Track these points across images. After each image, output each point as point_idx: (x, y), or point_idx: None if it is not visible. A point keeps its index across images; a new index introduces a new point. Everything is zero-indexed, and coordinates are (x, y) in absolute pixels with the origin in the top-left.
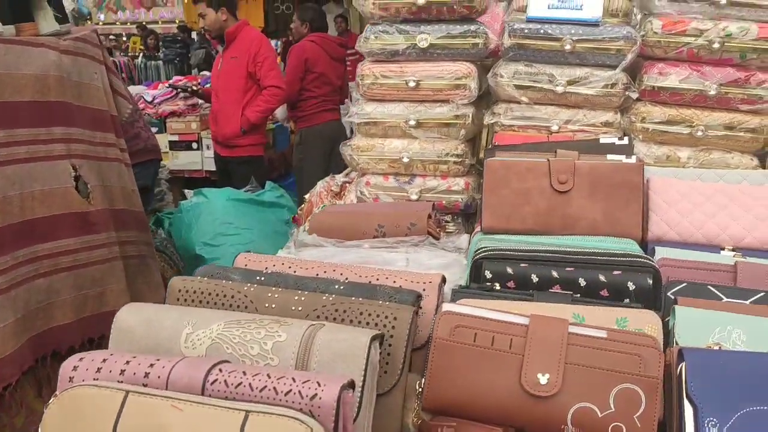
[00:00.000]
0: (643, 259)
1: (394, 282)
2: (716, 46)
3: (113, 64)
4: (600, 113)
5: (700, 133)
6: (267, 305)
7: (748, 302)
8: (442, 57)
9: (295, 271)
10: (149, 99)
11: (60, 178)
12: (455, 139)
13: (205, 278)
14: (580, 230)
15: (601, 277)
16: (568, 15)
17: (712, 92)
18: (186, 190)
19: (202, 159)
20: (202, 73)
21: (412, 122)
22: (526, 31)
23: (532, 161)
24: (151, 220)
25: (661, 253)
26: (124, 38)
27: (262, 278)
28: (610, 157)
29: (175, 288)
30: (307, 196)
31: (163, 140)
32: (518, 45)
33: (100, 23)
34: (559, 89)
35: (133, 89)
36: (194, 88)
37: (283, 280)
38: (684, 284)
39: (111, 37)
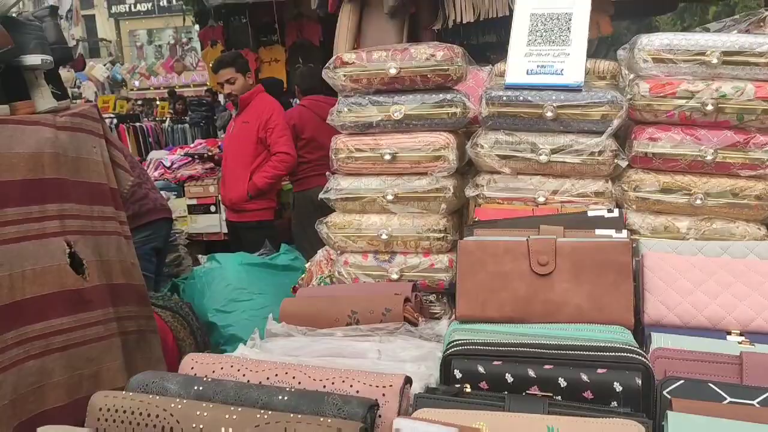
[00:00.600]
0: (631, 354)
1: (351, 386)
2: (710, 108)
3: (117, 135)
4: (589, 182)
5: (699, 202)
6: (194, 425)
7: (755, 403)
8: (418, 128)
9: (244, 374)
10: (168, 164)
11: (54, 255)
12: (436, 213)
13: (131, 393)
14: (564, 317)
15: (584, 377)
16: (549, 80)
17: (709, 157)
18: (200, 256)
19: (220, 222)
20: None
21: (390, 197)
22: (504, 98)
23: (510, 241)
24: (167, 286)
25: (657, 341)
26: (157, 102)
27: (201, 387)
28: (598, 231)
29: (96, 407)
30: (307, 265)
31: (181, 204)
32: (497, 113)
33: (135, 89)
34: (543, 159)
35: (155, 154)
36: (209, 153)
37: (222, 390)
38: (681, 381)
39: (139, 102)
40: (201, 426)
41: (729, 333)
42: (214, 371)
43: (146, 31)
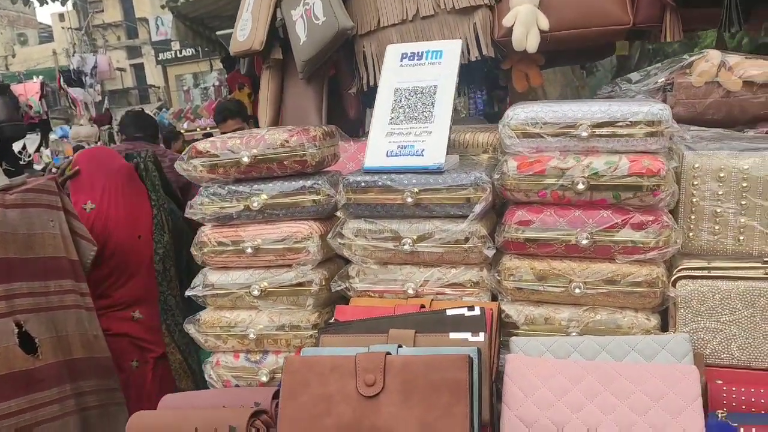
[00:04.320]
0: None
1: None
2: (581, 186)
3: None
4: (462, 271)
5: (578, 291)
6: None
7: None
8: (281, 217)
9: None
10: None
11: (0, 337)
12: (303, 308)
13: None
14: None
15: None
16: (408, 163)
17: (585, 241)
18: None
19: None
20: None
21: (256, 292)
22: (362, 184)
23: (338, 357)
24: None
25: None
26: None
27: None
28: (453, 335)
29: None
30: None
31: None
32: (355, 200)
33: (184, 131)
34: (407, 248)
35: None
36: None
37: None
38: None
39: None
40: None
41: None
42: None
43: (192, 75)
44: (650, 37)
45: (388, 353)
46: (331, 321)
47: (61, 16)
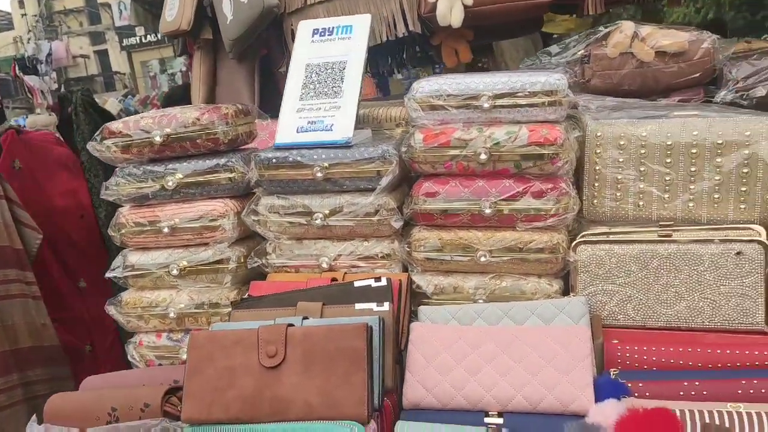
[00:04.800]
0: None
1: None
2: (483, 157)
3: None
4: (374, 244)
5: (483, 259)
6: None
7: None
8: (197, 196)
9: None
10: None
11: None
12: (222, 285)
13: None
14: (293, 415)
15: None
16: (318, 138)
17: (488, 211)
18: None
19: None
20: None
21: (175, 271)
22: (273, 160)
23: (242, 331)
24: None
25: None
26: None
27: None
28: (358, 306)
29: None
30: None
31: None
32: (267, 176)
33: None
34: (318, 222)
35: None
36: None
37: None
38: None
39: None
40: None
41: (487, 414)
42: None
43: (158, 61)
44: (576, 11)
45: (291, 325)
46: (245, 297)
47: (21, 3)
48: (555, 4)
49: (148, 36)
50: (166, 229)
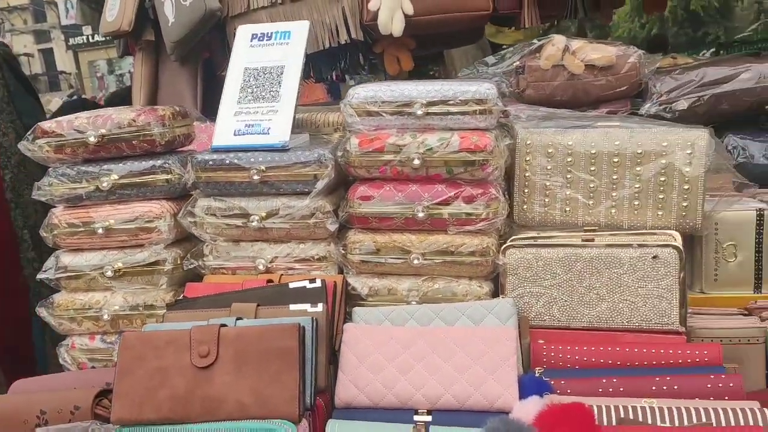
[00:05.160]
0: None
1: None
2: (417, 162)
3: None
4: (310, 246)
5: (417, 262)
6: None
7: None
8: (132, 197)
9: None
10: None
11: None
12: (158, 287)
13: None
14: (225, 414)
15: None
16: (255, 141)
17: (421, 215)
18: None
19: None
20: None
21: (110, 273)
22: (210, 162)
23: (174, 331)
24: None
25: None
26: None
27: None
28: (293, 307)
29: None
30: None
31: None
32: (204, 178)
33: None
34: (254, 225)
35: None
36: None
37: None
38: None
39: None
40: None
41: (417, 412)
42: None
43: (106, 61)
44: (515, 23)
45: (224, 325)
46: (180, 298)
47: None
48: (495, 16)
49: (96, 35)
50: (100, 230)
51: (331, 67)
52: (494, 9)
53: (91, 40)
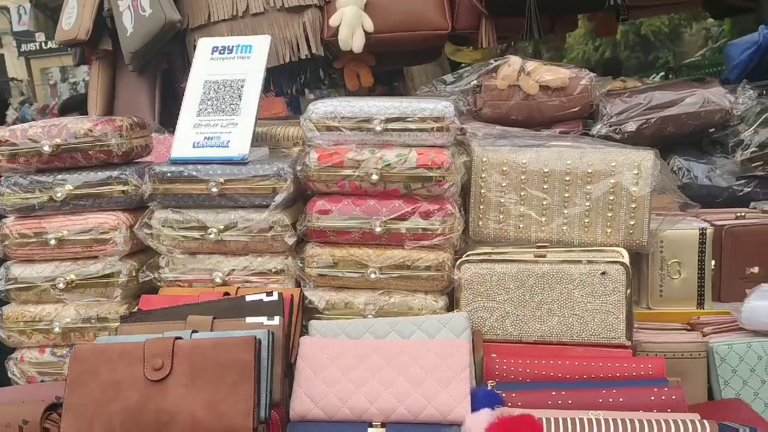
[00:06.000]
0: None
1: None
2: (375, 177)
3: None
4: (268, 259)
5: (374, 276)
6: None
7: None
8: (87, 208)
9: None
10: None
11: None
12: (111, 299)
13: None
14: (178, 428)
15: None
16: (214, 153)
17: (378, 229)
18: None
19: None
20: None
21: (62, 285)
22: (168, 174)
23: (128, 344)
24: None
25: None
26: None
27: None
28: (249, 320)
29: None
30: None
31: None
32: (162, 190)
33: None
34: (212, 237)
35: None
36: None
37: None
38: None
39: None
40: None
41: (371, 425)
42: None
43: (59, 69)
44: (473, 43)
45: (179, 338)
46: (134, 311)
47: None
48: (454, 36)
49: (50, 42)
50: (53, 242)
51: (291, 81)
52: (453, 28)
53: (44, 47)
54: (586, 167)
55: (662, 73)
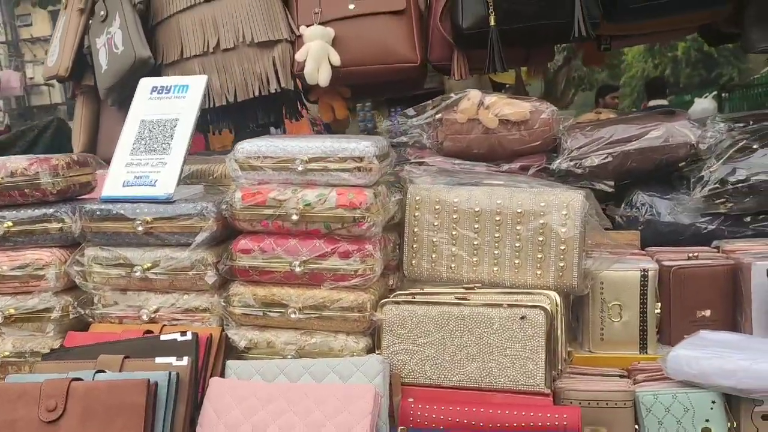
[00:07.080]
0: None
1: None
2: (295, 217)
3: None
4: (194, 297)
5: (294, 316)
6: None
7: None
8: (27, 245)
9: None
10: None
11: None
12: (45, 334)
13: None
14: None
15: None
16: (142, 192)
17: (298, 269)
18: None
19: None
20: None
21: (0, 318)
22: (98, 212)
23: (27, 384)
24: None
25: None
26: None
27: None
28: (159, 360)
29: None
30: None
31: None
32: (93, 228)
33: None
34: (137, 275)
35: None
36: None
37: None
38: None
39: None
40: None
41: None
42: None
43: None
44: (449, 73)
45: (76, 379)
46: (57, 348)
47: None
48: (434, 66)
49: None
50: None
51: (268, 114)
52: (426, 60)
53: None
54: (516, 207)
55: (715, 92)
